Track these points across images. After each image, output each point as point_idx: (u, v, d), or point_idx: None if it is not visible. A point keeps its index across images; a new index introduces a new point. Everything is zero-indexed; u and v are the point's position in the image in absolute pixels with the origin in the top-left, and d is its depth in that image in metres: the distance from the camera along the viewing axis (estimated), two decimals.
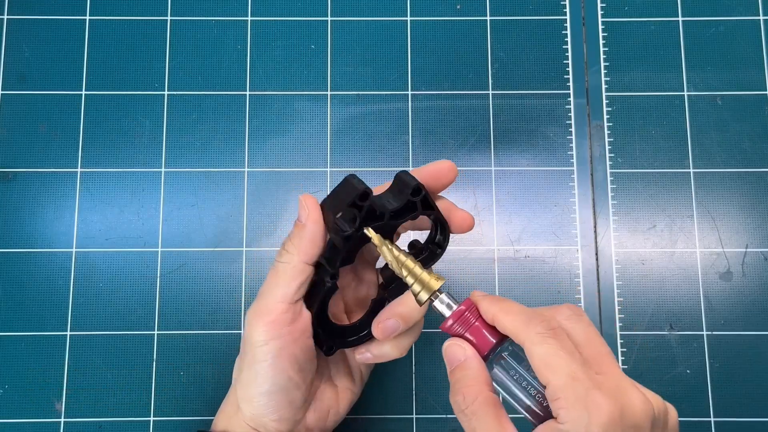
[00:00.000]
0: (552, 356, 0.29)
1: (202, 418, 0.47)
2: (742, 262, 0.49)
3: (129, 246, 0.49)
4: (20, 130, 0.50)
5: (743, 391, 0.47)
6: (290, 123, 0.51)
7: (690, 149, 0.50)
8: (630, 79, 0.51)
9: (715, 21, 0.52)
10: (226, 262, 0.49)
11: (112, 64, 0.51)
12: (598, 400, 0.28)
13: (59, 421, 0.46)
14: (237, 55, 0.52)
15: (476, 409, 0.30)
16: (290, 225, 0.49)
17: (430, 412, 0.47)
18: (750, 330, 0.48)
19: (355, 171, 0.50)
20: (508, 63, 0.52)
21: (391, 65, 0.51)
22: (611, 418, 0.27)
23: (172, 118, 0.51)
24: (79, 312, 0.48)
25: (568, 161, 0.50)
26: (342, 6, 0.52)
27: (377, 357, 0.38)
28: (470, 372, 0.32)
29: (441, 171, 0.36)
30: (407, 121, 0.51)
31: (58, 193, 0.50)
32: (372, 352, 0.38)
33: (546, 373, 0.29)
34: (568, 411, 0.28)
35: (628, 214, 0.49)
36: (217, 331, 0.48)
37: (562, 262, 0.49)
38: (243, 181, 0.50)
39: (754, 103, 0.51)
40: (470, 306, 0.33)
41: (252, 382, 0.35)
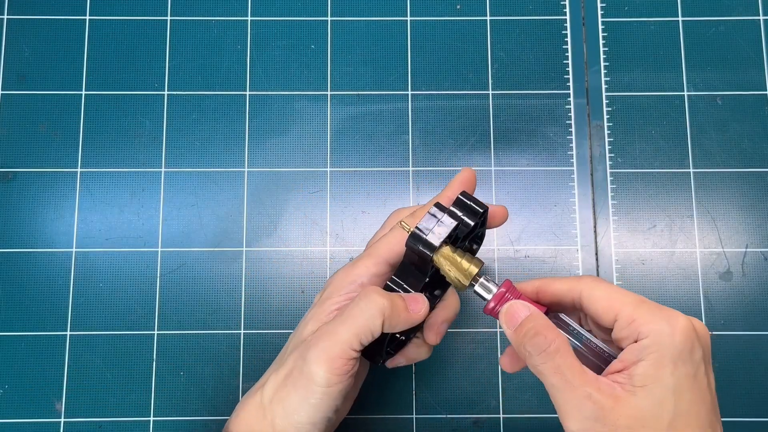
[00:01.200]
0: (614, 292, 0.31)
1: (202, 418, 0.47)
2: (742, 262, 0.49)
3: (129, 246, 0.49)
4: (20, 130, 0.50)
5: (743, 391, 0.47)
6: (290, 123, 0.51)
7: (690, 149, 0.50)
8: (630, 79, 0.51)
9: (715, 21, 0.52)
10: (226, 262, 0.49)
11: (112, 64, 0.51)
12: (674, 314, 0.30)
13: (59, 421, 0.46)
14: (237, 55, 0.52)
15: (559, 346, 0.30)
16: (290, 225, 0.49)
17: (430, 412, 0.47)
18: (750, 330, 0.48)
19: (354, 171, 0.50)
20: (508, 63, 0.52)
21: (391, 65, 0.51)
22: (689, 328, 0.30)
23: (172, 118, 0.51)
24: (79, 312, 0.48)
25: (568, 161, 0.50)
26: (342, 6, 0.52)
27: (409, 360, 0.38)
28: (542, 320, 0.32)
29: (470, 180, 0.38)
30: (407, 121, 0.51)
31: (58, 193, 0.50)
32: (407, 356, 0.38)
33: (615, 306, 0.31)
34: (648, 325, 0.30)
35: (628, 214, 0.49)
36: (217, 331, 0.48)
37: (562, 262, 0.49)
38: (243, 181, 0.50)
39: (754, 103, 0.51)
40: (509, 287, 0.34)
41: (301, 411, 0.34)
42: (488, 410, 0.47)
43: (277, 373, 0.35)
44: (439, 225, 0.34)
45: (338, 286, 0.36)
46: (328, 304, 0.36)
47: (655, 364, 0.29)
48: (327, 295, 0.37)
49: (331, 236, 0.49)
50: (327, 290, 0.37)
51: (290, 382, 0.34)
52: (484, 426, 0.47)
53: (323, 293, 0.37)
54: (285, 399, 0.34)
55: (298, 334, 0.37)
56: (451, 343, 0.48)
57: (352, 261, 0.37)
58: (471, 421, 0.47)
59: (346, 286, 0.36)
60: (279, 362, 0.37)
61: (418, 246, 0.33)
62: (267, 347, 0.48)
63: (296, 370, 0.34)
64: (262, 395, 0.35)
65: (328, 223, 0.49)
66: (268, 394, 0.35)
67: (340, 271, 0.37)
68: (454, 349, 0.48)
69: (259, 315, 0.48)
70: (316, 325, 0.36)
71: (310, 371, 0.33)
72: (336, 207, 0.50)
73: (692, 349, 0.30)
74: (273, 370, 0.36)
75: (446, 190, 0.37)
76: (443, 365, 0.48)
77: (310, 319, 0.36)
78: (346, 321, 0.34)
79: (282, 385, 0.35)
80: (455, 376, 0.47)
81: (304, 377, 0.33)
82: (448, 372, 0.47)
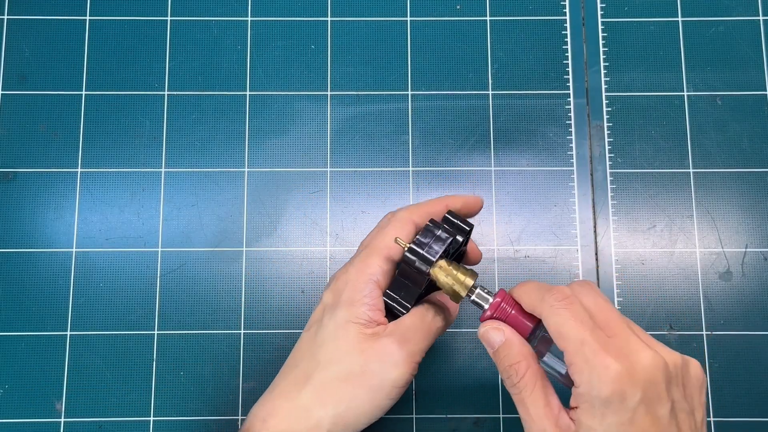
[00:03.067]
0: (563, 325, 0.31)
1: (202, 418, 0.47)
2: (741, 262, 0.49)
3: (129, 246, 0.49)
4: (20, 130, 0.50)
5: (743, 391, 0.47)
6: (290, 123, 0.51)
7: (690, 149, 0.50)
8: (630, 79, 0.51)
9: (715, 21, 0.52)
10: (226, 262, 0.49)
11: (112, 64, 0.51)
12: (605, 362, 0.30)
13: (59, 421, 0.46)
14: (237, 55, 0.52)
15: (527, 382, 0.33)
16: (290, 225, 0.49)
17: (430, 412, 0.47)
18: (750, 330, 0.48)
19: (355, 171, 0.50)
20: (508, 63, 0.52)
21: (391, 65, 0.52)
22: (619, 376, 0.29)
23: (172, 118, 0.51)
24: (79, 312, 0.48)
25: (568, 161, 0.50)
26: (342, 6, 0.52)
27: None
28: (514, 349, 0.34)
29: (476, 205, 0.40)
30: (407, 121, 0.51)
31: (58, 193, 0.50)
32: None
33: (560, 342, 0.31)
34: (580, 375, 0.30)
35: (628, 214, 0.50)
36: (217, 331, 0.48)
37: (561, 262, 0.49)
38: (243, 181, 0.50)
39: (754, 103, 0.51)
40: (504, 296, 0.35)
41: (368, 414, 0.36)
42: (488, 410, 0.47)
43: (319, 375, 0.36)
44: (435, 241, 0.35)
45: (357, 287, 0.36)
46: (360, 308, 0.36)
47: (586, 414, 0.30)
48: (348, 299, 0.36)
49: (331, 236, 0.49)
50: (345, 293, 0.36)
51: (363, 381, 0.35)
52: (484, 426, 0.47)
53: (339, 295, 0.37)
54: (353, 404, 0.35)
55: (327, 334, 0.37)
56: (451, 343, 0.48)
57: (359, 258, 0.37)
58: (471, 421, 0.47)
59: (364, 287, 0.36)
60: (300, 367, 0.37)
61: (415, 261, 0.35)
62: (267, 347, 0.48)
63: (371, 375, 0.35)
64: (299, 397, 0.35)
65: (328, 223, 0.49)
66: (311, 396, 0.35)
67: (350, 270, 0.37)
68: (454, 349, 0.48)
69: (259, 315, 0.48)
70: (356, 328, 0.36)
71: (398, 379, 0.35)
72: (336, 207, 0.50)
73: (623, 397, 0.29)
74: (303, 373, 0.36)
75: (433, 204, 0.39)
76: (443, 365, 0.48)
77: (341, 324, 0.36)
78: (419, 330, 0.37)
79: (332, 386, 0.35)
80: (455, 376, 0.47)
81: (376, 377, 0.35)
82: (448, 372, 0.47)
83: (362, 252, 0.38)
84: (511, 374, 0.33)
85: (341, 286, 0.37)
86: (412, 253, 0.35)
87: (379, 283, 0.36)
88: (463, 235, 0.37)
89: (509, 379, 0.33)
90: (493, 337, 0.34)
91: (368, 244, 0.38)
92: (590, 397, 0.30)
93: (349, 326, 0.36)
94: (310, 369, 0.36)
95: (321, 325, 0.37)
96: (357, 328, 0.35)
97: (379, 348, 0.35)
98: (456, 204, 0.39)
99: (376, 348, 0.35)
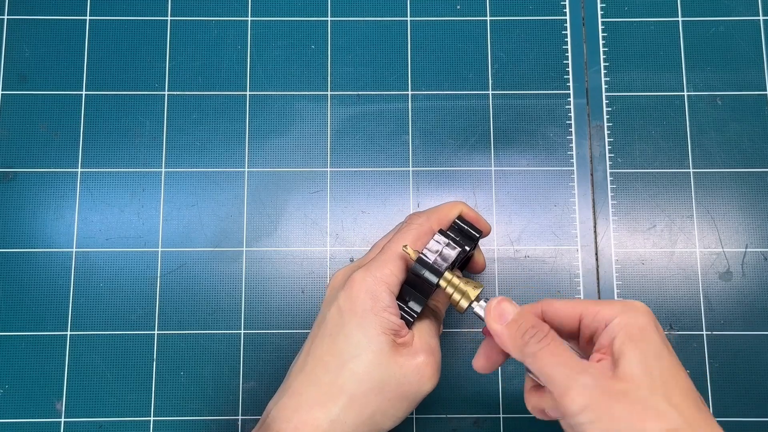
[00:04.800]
0: (572, 300, 0.34)
1: (202, 418, 0.47)
2: (741, 262, 0.49)
3: (129, 246, 0.49)
4: (20, 130, 0.50)
5: (743, 391, 0.47)
6: (290, 123, 0.51)
7: (690, 149, 0.50)
8: (630, 79, 0.51)
9: (715, 21, 0.52)
10: (226, 262, 0.49)
11: (112, 64, 0.51)
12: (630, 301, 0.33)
13: (59, 421, 0.47)
14: (237, 55, 0.52)
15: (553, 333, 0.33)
16: (290, 225, 0.49)
17: (430, 412, 0.47)
18: (750, 330, 0.48)
19: (355, 171, 0.50)
20: (508, 63, 0.52)
21: (391, 65, 0.52)
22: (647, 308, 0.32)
23: (172, 118, 0.51)
24: (79, 312, 0.48)
25: (568, 161, 0.50)
26: (342, 6, 0.52)
27: None
28: (531, 314, 0.34)
29: (485, 228, 0.40)
30: (407, 121, 0.51)
31: (58, 193, 0.50)
32: None
33: (576, 307, 0.34)
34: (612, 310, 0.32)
35: (628, 214, 0.50)
36: (217, 331, 0.48)
37: (562, 262, 0.49)
38: (243, 181, 0.50)
39: (754, 103, 0.51)
40: None
41: (396, 420, 0.37)
42: (488, 410, 0.47)
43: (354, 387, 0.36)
44: (444, 251, 0.36)
45: (379, 295, 0.36)
46: (389, 317, 0.36)
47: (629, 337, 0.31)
48: (373, 307, 0.36)
49: (331, 236, 0.49)
50: (367, 300, 0.36)
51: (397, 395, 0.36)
52: (484, 426, 0.47)
53: (359, 302, 0.36)
54: (391, 412, 0.36)
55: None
56: (451, 343, 0.48)
57: (377, 264, 0.37)
58: (471, 421, 0.47)
59: (386, 296, 0.36)
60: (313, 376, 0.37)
61: (424, 272, 0.36)
62: (267, 347, 0.48)
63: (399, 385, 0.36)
64: (333, 409, 0.35)
65: (328, 223, 0.49)
66: (345, 408, 0.36)
67: (368, 276, 0.37)
68: (454, 349, 0.48)
69: (259, 315, 0.48)
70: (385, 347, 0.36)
71: (426, 386, 0.37)
72: (336, 207, 0.50)
73: (656, 322, 0.32)
74: (336, 385, 0.36)
75: (449, 208, 0.39)
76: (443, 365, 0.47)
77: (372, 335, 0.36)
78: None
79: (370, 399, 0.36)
80: (455, 376, 0.47)
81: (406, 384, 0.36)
82: (448, 372, 0.47)
83: (380, 256, 0.37)
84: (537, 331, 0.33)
85: (360, 293, 0.36)
86: (421, 263, 0.36)
87: (395, 291, 0.37)
88: (471, 244, 0.37)
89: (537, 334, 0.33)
90: (507, 309, 0.34)
91: (386, 249, 0.38)
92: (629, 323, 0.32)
93: (381, 337, 0.36)
94: (343, 381, 0.36)
95: (346, 334, 0.36)
96: (389, 339, 0.36)
97: (416, 363, 0.36)
98: (469, 214, 0.39)
99: (414, 363, 0.36)
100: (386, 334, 0.36)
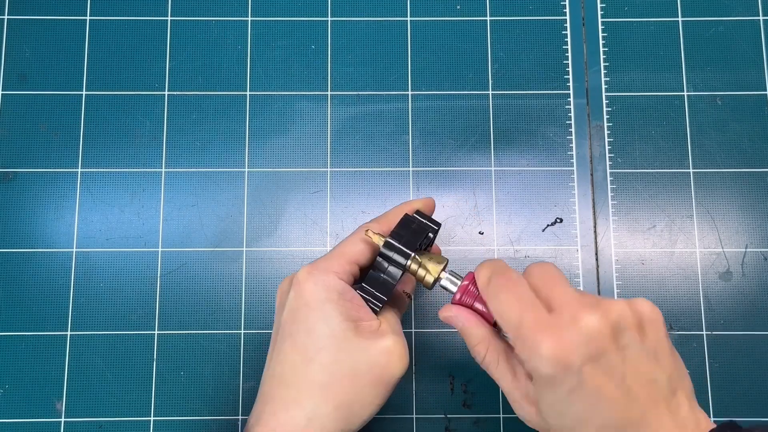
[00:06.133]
0: (502, 308, 0.33)
1: (202, 418, 0.47)
2: (741, 262, 0.49)
3: (129, 246, 0.49)
4: (20, 130, 0.50)
5: (743, 391, 0.47)
6: (290, 123, 0.51)
7: (690, 149, 0.50)
8: (630, 79, 0.51)
9: (715, 21, 0.52)
10: (226, 262, 0.49)
11: (112, 64, 0.51)
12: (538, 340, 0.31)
13: (59, 421, 0.47)
14: (237, 55, 0.52)
15: (490, 360, 0.35)
16: (290, 225, 0.49)
17: (430, 412, 0.47)
18: (750, 330, 0.48)
19: (355, 171, 0.50)
20: (508, 63, 0.52)
21: (391, 65, 0.52)
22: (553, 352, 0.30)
23: (172, 118, 0.51)
24: (79, 312, 0.48)
25: (568, 161, 0.50)
26: (342, 6, 0.52)
27: None
28: (472, 332, 0.36)
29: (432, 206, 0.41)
30: (407, 121, 0.51)
31: (58, 193, 0.50)
32: None
33: (502, 325, 0.34)
34: (522, 355, 0.32)
35: (628, 214, 0.50)
36: (217, 331, 0.48)
37: (562, 262, 0.49)
38: (243, 181, 0.50)
39: (754, 103, 0.51)
40: (472, 279, 0.37)
41: (374, 407, 0.36)
42: (488, 410, 0.47)
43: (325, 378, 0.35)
44: (411, 233, 0.37)
45: (334, 287, 0.36)
46: (351, 307, 0.36)
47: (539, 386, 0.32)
48: (332, 299, 0.36)
49: (331, 236, 0.49)
50: (324, 293, 0.36)
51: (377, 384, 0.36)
52: (484, 426, 0.47)
53: (317, 298, 0.36)
54: (365, 400, 0.36)
55: None
56: (451, 342, 0.48)
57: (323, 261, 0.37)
58: (471, 421, 0.47)
59: (344, 288, 0.36)
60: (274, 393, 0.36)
61: (392, 255, 0.37)
62: (267, 347, 0.47)
63: (381, 376, 0.36)
64: (308, 404, 0.35)
65: (328, 223, 0.49)
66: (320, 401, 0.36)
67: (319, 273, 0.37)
68: (453, 349, 0.48)
69: (259, 315, 0.48)
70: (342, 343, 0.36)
71: (398, 372, 0.36)
72: (336, 207, 0.50)
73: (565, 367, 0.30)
74: (309, 380, 0.36)
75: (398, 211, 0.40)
76: (443, 365, 0.48)
77: None
78: None
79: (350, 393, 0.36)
80: (454, 376, 0.47)
81: (385, 373, 0.36)
82: (448, 372, 0.47)
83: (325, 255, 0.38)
84: (475, 355, 0.36)
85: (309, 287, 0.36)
86: (389, 246, 0.37)
87: (347, 279, 0.37)
88: (434, 230, 0.39)
89: (475, 358, 0.36)
90: (454, 324, 0.36)
91: (333, 249, 0.38)
92: (536, 374, 0.31)
93: (343, 324, 0.35)
94: (313, 375, 0.35)
95: (307, 329, 0.36)
96: (351, 325, 0.36)
97: (383, 345, 0.36)
98: (418, 206, 0.40)
99: (381, 345, 0.36)
100: (348, 320, 0.36)
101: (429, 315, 0.48)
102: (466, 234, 0.49)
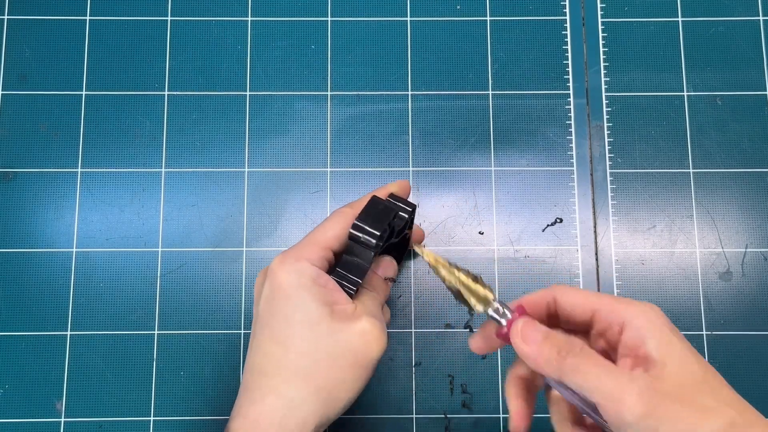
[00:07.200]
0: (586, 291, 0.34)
1: (202, 418, 0.47)
2: (741, 262, 0.49)
3: (129, 246, 0.49)
4: (20, 130, 0.50)
5: (743, 391, 0.47)
6: (290, 123, 0.51)
7: (690, 149, 0.50)
8: (630, 79, 0.51)
9: (715, 21, 0.52)
10: (226, 262, 0.49)
11: (112, 64, 0.51)
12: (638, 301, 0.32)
13: (59, 421, 0.47)
14: (237, 55, 0.52)
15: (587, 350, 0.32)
16: (290, 225, 0.49)
17: (430, 412, 0.47)
18: (750, 330, 0.48)
19: (355, 171, 0.50)
20: (508, 63, 0.52)
21: (391, 65, 0.52)
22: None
23: (172, 118, 0.51)
24: (79, 312, 0.48)
25: (568, 161, 0.50)
26: (342, 6, 0.52)
27: None
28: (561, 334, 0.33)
29: (408, 189, 0.42)
30: (407, 121, 0.51)
31: (58, 193, 0.50)
32: None
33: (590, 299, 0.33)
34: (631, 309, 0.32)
35: (628, 214, 0.50)
36: (217, 331, 0.48)
37: (561, 262, 0.49)
38: (243, 181, 0.50)
39: (754, 104, 0.51)
40: (522, 312, 0.34)
41: (355, 391, 0.36)
42: (488, 410, 0.47)
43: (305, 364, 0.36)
44: (376, 214, 0.37)
45: (307, 273, 0.36)
46: (327, 292, 0.36)
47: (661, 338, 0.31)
48: (306, 285, 0.36)
49: None
50: (299, 279, 0.36)
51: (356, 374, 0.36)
52: (484, 426, 0.47)
53: (292, 286, 0.36)
54: (342, 393, 0.36)
55: None
56: (451, 343, 0.48)
57: (295, 248, 0.37)
58: (471, 421, 0.47)
59: (318, 273, 0.36)
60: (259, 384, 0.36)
61: (360, 237, 0.36)
62: None
63: (357, 365, 0.36)
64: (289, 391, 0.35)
65: None
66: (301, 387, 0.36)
67: (276, 264, 0.37)
68: (454, 349, 0.48)
69: None
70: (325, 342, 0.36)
71: (375, 357, 0.36)
72: (336, 207, 0.50)
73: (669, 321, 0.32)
74: (288, 369, 0.36)
75: (361, 201, 0.39)
76: (443, 365, 0.48)
77: None
78: None
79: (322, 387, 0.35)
80: (454, 376, 0.47)
81: (361, 358, 0.36)
82: (448, 372, 0.47)
83: (296, 244, 0.38)
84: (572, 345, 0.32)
85: (283, 275, 0.36)
86: (357, 228, 0.36)
87: (320, 265, 0.37)
88: (407, 212, 0.38)
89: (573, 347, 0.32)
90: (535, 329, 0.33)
91: (304, 238, 0.38)
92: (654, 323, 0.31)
93: (319, 309, 0.35)
94: (290, 362, 0.35)
95: (284, 317, 0.36)
96: (327, 309, 0.36)
97: (359, 327, 0.36)
98: (393, 189, 0.40)
99: (357, 328, 0.36)
100: (324, 305, 0.35)
101: (429, 315, 0.48)
102: (466, 234, 0.49)
